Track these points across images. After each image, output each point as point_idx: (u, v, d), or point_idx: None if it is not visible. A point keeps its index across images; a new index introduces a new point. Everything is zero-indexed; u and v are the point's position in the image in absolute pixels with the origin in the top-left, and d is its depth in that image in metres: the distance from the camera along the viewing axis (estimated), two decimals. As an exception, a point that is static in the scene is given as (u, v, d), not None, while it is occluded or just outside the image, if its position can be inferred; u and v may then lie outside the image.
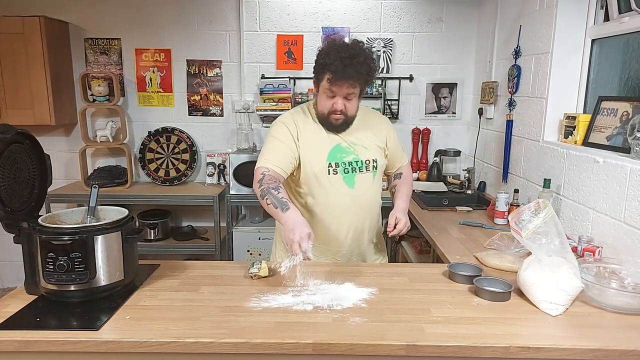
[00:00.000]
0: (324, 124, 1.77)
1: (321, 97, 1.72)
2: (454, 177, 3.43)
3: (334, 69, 1.60)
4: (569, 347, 1.17)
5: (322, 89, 1.70)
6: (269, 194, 1.58)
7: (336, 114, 1.71)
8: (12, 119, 3.13)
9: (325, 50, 1.65)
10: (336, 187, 1.77)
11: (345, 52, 1.60)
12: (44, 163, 1.49)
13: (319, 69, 1.67)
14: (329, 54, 1.62)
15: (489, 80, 3.13)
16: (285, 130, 1.76)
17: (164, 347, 1.18)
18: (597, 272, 1.52)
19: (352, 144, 1.80)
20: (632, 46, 2.06)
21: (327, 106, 1.71)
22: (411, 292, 1.48)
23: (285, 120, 1.79)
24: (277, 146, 1.73)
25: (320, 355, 1.19)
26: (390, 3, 3.42)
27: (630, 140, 1.81)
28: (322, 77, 1.67)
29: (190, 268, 1.66)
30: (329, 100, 1.69)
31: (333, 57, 1.60)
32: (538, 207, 1.43)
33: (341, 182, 1.78)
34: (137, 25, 3.43)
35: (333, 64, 1.60)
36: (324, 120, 1.76)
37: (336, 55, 1.60)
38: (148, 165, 3.52)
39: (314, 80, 1.74)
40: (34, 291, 1.40)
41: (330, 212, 1.80)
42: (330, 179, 1.77)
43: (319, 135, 1.78)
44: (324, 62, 1.62)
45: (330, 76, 1.63)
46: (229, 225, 3.27)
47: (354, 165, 1.79)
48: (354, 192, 1.80)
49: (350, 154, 1.79)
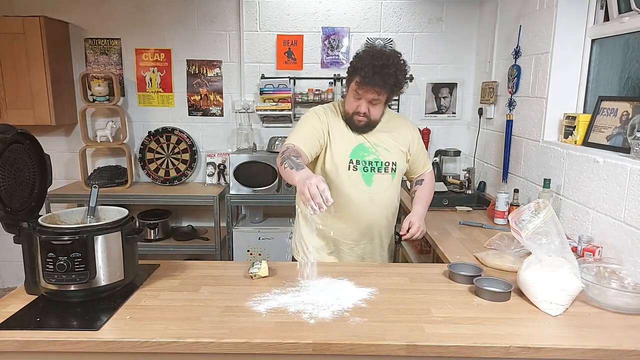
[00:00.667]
0: (348, 123, 1.84)
1: (349, 97, 1.80)
2: (454, 177, 3.42)
3: (363, 74, 1.68)
4: (569, 347, 1.17)
5: (350, 90, 1.78)
6: (289, 159, 1.58)
7: (359, 115, 1.78)
8: (12, 119, 3.13)
9: (361, 54, 1.74)
10: (354, 183, 1.84)
11: (378, 61, 1.68)
12: (44, 163, 1.49)
13: (352, 71, 1.75)
14: (363, 58, 1.70)
15: (489, 80, 3.13)
16: (317, 118, 1.83)
17: (164, 347, 1.18)
18: (597, 272, 1.52)
19: (375, 145, 1.86)
20: (632, 46, 2.06)
21: (352, 107, 1.79)
22: (411, 292, 1.48)
23: (319, 111, 1.86)
24: (307, 130, 1.79)
25: (320, 355, 1.19)
26: (390, 3, 3.42)
27: (630, 140, 1.81)
28: (352, 78, 1.75)
29: (190, 268, 1.66)
30: (356, 102, 1.77)
31: (366, 62, 1.68)
32: (538, 207, 1.43)
33: (359, 179, 1.84)
34: (137, 25, 3.43)
35: (364, 69, 1.67)
36: (348, 120, 1.83)
37: (369, 61, 1.68)
38: (148, 165, 3.52)
39: (346, 80, 1.81)
40: (34, 291, 1.40)
41: (345, 207, 1.85)
42: (349, 175, 1.83)
43: (345, 133, 1.85)
44: (357, 66, 1.71)
45: (359, 80, 1.71)
46: (229, 225, 3.27)
47: (373, 165, 1.85)
48: (370, 190, 1.85)
49: (372, 154, 1.85)
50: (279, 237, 3.24)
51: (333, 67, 3.50)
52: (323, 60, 3.49)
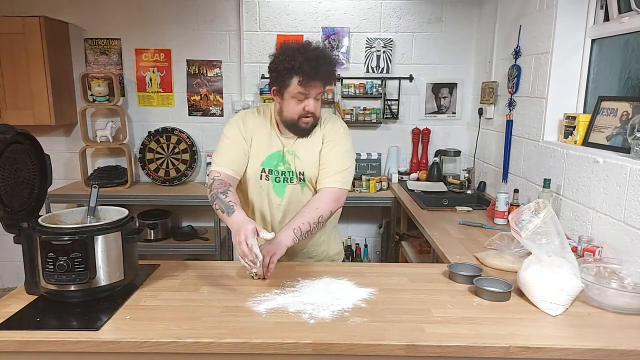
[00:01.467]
0: (293, 130, 1.71)
1: (289, 103, 1.65)
2: (454, 177, 3.43)
3: (304, 71, 1.57)
4: (569, 347, 1.17)
5: (289, 95, 1.63)
6: (217, 198, 1.55)
7: (307, 117, 1.66)
8: (12, 119, 3.13)
9: (287, 54, 1.60)
10: (266, 194, 1.75)
11: (311, 54, 1.59)
12: (44, 163, 1.49)
13: (285, 74, 1.60)
14: (294, 57, 1.58)
15: (489, 80, 3.13)
16: (236, 129, 1.72)
17: (164, 347, 1.18)
18: (597, 272, 1.52)
19: (290, 154, 1.73)
20: (632, 46, 2.06)
21: (297, 111, 1.65)
22: (411, 292, 1.48)
23: (238, 121, 1.74)
24: (229, 146, 1.70)
25: (320, 355, 1.19)
26: (390, 3, 3.42)
27: (630, 140, 1.81)
28: (289, 82, 1.61)
29: (190, 268, 1.66)
30: (299, 105, 1.64)
31: (300, 60, 1.57)
32: (538, 207, 1.43)
33: (271, 190, 1.74)
34: (137, 25, 3.43)
35: (302, 66, 1.57)
36: (292, 127, 1.69)
37: (303, 58, 1.57)
38: (148, 165, 3.52)
39: (276, 88, 1.66)
40: (34, 291, 1.40)
41: (261, 220, 1.77)
42: (262, 185, 1.74)
43: (265, 139, 1.73)
44: (291, 66, 1.58)
45: (302, 79, 1.59)
46: (229, 225, 3.26)
47: (286, 175, 1.73)
48: (283, 202, 1.75)
49: (285, 163, 1.73)
50: (279, 237, 3.23)
51: (333, 67, 3.50)
52: (323, 60, 3.49)
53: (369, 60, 3.50)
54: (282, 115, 1.70)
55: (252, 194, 1.76)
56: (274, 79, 1.66)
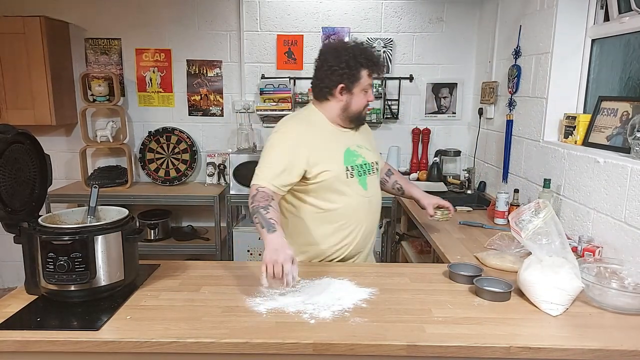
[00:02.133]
0: (356, 122, 1.83)
1: (358, 97, 1.76)
2: (454, 177, 3.43)
3: (373, 62, 1.73)
4: (569, 347, 1.18)
5: (359, 89, 1.74)
6: (258, 213, 1.56)
7: (367, 106, 1.82)
8: (13, 119, 3.13)
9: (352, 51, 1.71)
10: (354, 190, 1.78)
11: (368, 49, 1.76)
12: (44, 163, 1.49)
13: (355, 69, 1.71)
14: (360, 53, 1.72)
15: (489, 80, 3.13)
16: (288, 139, 1.72)
17: (164, 347, 1.18)
18: (598, 272, 1.52)
19: (359, 147, 1.83)
20: (632, 46, 2.06)
21: (363, 103, 1.78)
22: (412, 292, 1.48)
23: (290, 134, 1.74)
24: (278, 161, 1.67)
25: (321, 355, 1.19)
26: (390, 3, 3.42)
27: (631, 140, 1.81)
28: (359, 75, 1.72)
29: (190, 268, 1.66)
30: (365, 97, 1.77)
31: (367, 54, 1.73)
32: (538, 207, 1.43)
33: (357, 185, 1.79)
34: (137, 25, 3.43)
35: (371, 60, 1.73)
36: (357, 119, 1.81)
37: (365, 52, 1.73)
38: (148, 165, 3.52)
39: (344, 85, 1.72)
40: (34, 291, 1.40)
41: (348, 216, 1.79)
42: (349, 183, 1.76)
43: (328, 142, 1.77)
44: (361, 61, 1.71)
45: (371, 70, 1.74)
46: (229, 225, 3.27)
47: (364, 168, 1.81)
48: (368, 194, 1.82)
49: (359, 157, 1.81)
50: (279, 237, 3.23)
51: (333, 67, 3.49)
52: (323, 60, 3.49)
53: (369, 60, 3.50)
54: (349, 110, 1.78)
55: (342, 194, 1.77)
56: (344, 76, 1.72)
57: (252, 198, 1.62)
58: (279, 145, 1.71)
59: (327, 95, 1.76)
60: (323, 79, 1.74)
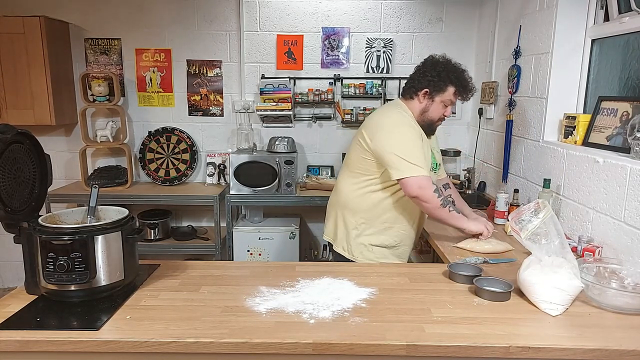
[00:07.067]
0: (426, 129, 2.00)
1: (437, 105, 1.96)
2: (454, 177, 3.42)
3: (463, 85, 1.94)
4: (569, 347, 1.18)
5: (440, 99, 1.95)
6: (451, 204, 1.94)
7: (442, 120, 2.01)
8: (13, 119, 3.13)
9: (449, 68, 1.94)
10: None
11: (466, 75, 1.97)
12: (44, 163, 1.49)
13: (443, 82, 1.92)
14: (456, 72, 1.93)
15: (489, 80, 3.13)
16: (415, 132, 1.93)
17: (164, 347, 1.18)
18: (597, 272, 1.52)
19: (433, 149, 2.09)
20: (632, 46, 2.06)
21: (439, 114, 1.98)
22: (411, 292, 1.48)
23: (410, 122, 1.95)
24: (420, 149, 1.89)
25: (321, 355, 1.19)
26: (390, 3, 3.43)
27: (630, 140, 1.81)
28: (446, 88, 1.93)
29: (190, 268, 1.66)
30: (443, 109, 1.97)
31: (460, 76, 1.94)
32: (538, 207, 1.43)
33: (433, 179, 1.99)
34: (137, 25, 3.43)
35: (461, 82, 1.94)
36: (429, 126, 2.00)
37: (461, 75, 1.94)
38: (148, 165, 3.52)
39: (428, 90, 1.94)
40: (34, 291, 1.41)
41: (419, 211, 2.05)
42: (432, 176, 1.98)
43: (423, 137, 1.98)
44: (451, 78, 1.92)
45: (458, 90, 1.94)
46: (229, 225, 3.27)
47: (433, 167, 2.07)
48: None
49: (432, 157, 2.06)
50: (279, 237, 3.24)
51: (333, 67, 3.50)
52: (323, 60, 3.49)
53: (369, 60, 3.50)
54: (426, 115, 1.98)
55: None
56: (431, 83, 1.93)
57: (437, 191, 1.85)
58: (413, 136, 1.91)
59: (412, 94, 1.98)
60: (414, 79, 1.98)
